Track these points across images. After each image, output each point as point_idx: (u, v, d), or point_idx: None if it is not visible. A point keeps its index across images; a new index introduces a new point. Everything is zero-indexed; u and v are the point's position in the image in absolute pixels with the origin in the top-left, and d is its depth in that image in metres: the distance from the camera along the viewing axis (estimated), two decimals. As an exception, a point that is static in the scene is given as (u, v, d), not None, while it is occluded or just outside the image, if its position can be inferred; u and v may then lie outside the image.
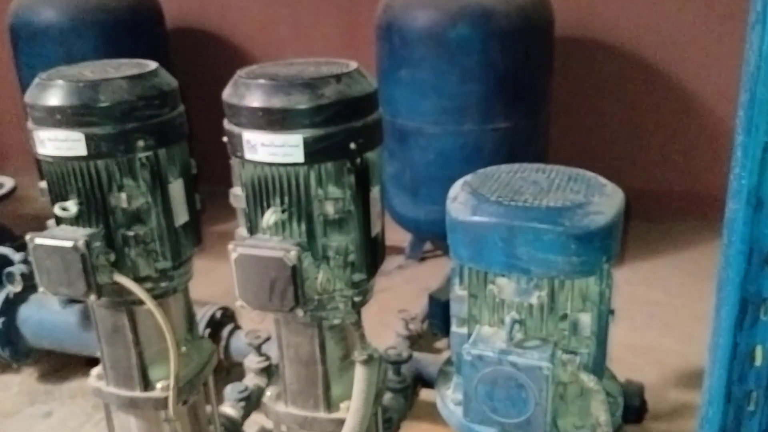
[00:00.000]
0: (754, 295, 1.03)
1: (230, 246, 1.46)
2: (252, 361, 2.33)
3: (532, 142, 3.21)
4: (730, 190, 1.08)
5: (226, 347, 2.60)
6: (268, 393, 1.72)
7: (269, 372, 2.34)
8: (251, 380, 2.32)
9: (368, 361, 1.52)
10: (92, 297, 1.55)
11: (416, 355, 2.34)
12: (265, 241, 1.47)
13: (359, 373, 1.54)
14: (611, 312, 1.41)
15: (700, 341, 1.27)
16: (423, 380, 2.33)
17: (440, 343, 3.02)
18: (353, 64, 1.52)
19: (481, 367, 1.32)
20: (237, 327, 2.64)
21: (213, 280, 2.15)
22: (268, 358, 2.33)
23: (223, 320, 2.62)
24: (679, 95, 3.71)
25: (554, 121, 3.38)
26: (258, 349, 2.33)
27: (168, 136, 1.62)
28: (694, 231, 3.70)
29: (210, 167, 2.17)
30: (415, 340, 2.70)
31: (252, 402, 2.25)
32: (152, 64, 1.65)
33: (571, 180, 1.41)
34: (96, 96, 1.50)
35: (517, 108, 3.11)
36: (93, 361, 1.88)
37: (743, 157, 0.99)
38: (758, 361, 1.07)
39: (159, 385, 1.75)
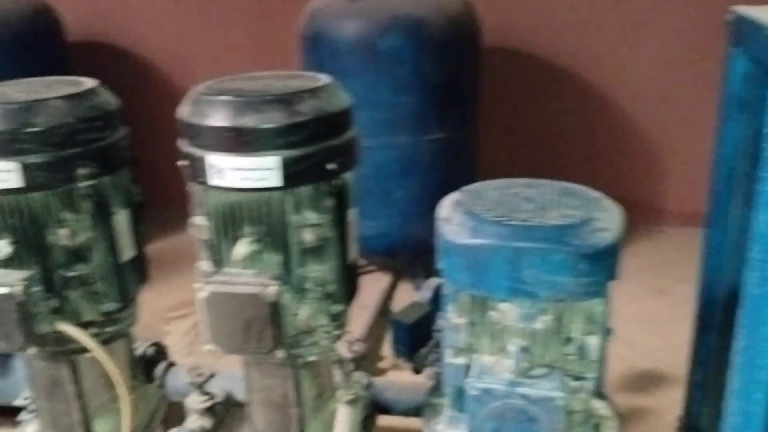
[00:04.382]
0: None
1: (197, 284, 1.30)
2: (194, 401, 2.13)
3: (465, 152, 3.15)
4: (759, 203, 1.03)
5: (161, 386, 2.39)
6: (235, 441, 1.56)
7: (214, 411, 2.16)
8: (194, 422, 2.12)
9: (354, 402, 1.40)
10: (31, 350, 1.35)
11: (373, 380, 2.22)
12: (237, 276, 1.32)
13: (343, 414, 1.41)
14: (609, 331, 1.35)
15: (639, 344, 1.26)
16: (379, 406, 2.21)
17: (383, 364, 2.92)
18: (325, 77, 1.40)
19: (488, 402, 1.23)
20: (172, 364, 2.43)
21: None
22: (212, 397, 2.15)
23: (157, 357, 2.41)
24: (598, 101, 3.77)
25: (482, 131, 3.35)
26: (201, 387, 2.14)
27: (112, 162, 1.44)
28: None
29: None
30: (359, 362, 2.58)
31: (198, 446, 2.07)
32: (90, 82, 1.47)
33: (564, 195, 1.34)
34: (30, 119, 1.31)
35: (451, 118, 3.04)
36: (8, 411, 1.65)
37: None
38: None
39: (107, 442, 1.55)
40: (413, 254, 3.29)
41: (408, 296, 3.32)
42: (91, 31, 3.96)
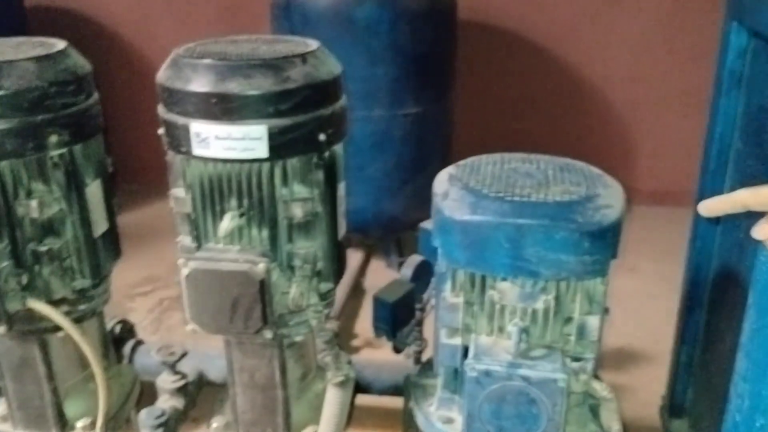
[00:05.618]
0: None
1: (180, 261, 1.22)
2: (166, 381, 2.06)
3: (440, 127, 3.09)
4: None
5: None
6: (215, 424, 1.50)
7: (186, 392, 2.09)
8: (166, 402, 2.05)
9: (344, 383, 1.34)
10: (1, 329, 1.27)
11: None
12: (222, 252, 1.25)
13: (333, 395, 1.36)
14: (607, 311, 1.31)
15: (612, 322, 1.27)
16: (357, 385, 2.17)
17: (356, 342, 2.87)
18: (313, 43, 1.33)
19: (488, 384, 1.18)
20: (140, 342, 2.34)
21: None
22: (184, 376, 2.08)
23: (123, 335, 2.32)
24: (570, 78, 3.74)
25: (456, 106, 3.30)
26: (172, 366, 2.07)
27: (84, 129, 1.35)
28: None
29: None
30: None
31: (170, 427, 1.99)
32: (60, 43, 1.37)
33: (565, 171, 1.30)
34: (-3, 82, 1.21)
35: (426, 92, 2.98)
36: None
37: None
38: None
39: (79, 425, 1.48)
40: (386, 231, 3.24)
41: (380, 273, 3.28)
42: (49, -5, 3.79)
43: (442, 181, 1.28)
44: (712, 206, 1.02)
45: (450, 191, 1.24)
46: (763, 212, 0.94)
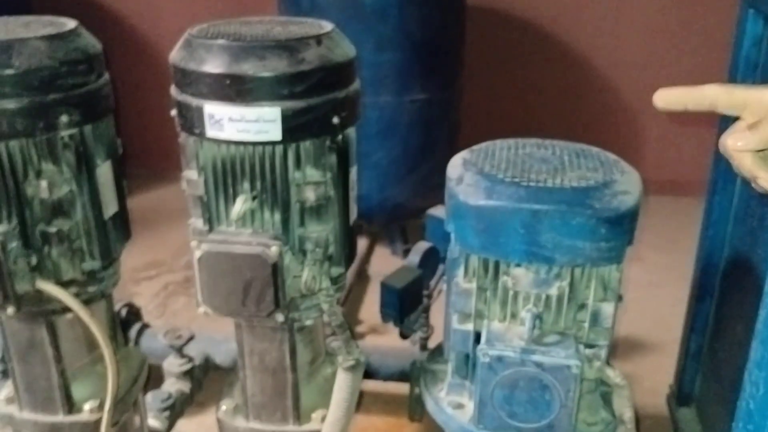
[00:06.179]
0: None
1: (193, 243, 1.22)
2: (173, 364, 2.07)
3: (447, 114, 3.08)
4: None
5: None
6: (224, 407, 1.49)
7: (192, 375, 2.09)
8: (173, 385, 2.06)
9: (355, 367, 1.34)
10: (10, 310, 1.26)
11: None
12: (234, 235, 1.24)
13: (342, 379, 1.35)
14: (621, 298, 1.31)
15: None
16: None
17: (361, 328, 2.87)
18: (328, 24, 1.31)
19: (500, 369, 1.17)
20: (146, 325, 2.34)
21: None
22: (190, 360, 2.08)
23: (129, 318, 2.32)
24: (578, 66, 3.72)
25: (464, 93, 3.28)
26: (179, 350, 2.07)
27: (95, 109, 1.33)
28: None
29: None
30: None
31: (176, 410, 2.00)
32: (70, 22, 1.35)
33: (580, 156, 1.28)
34: (8, 60, 1.20)
35: (434, 79, 2.96)
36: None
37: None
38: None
39: (87, 407, 1.47)
40: (391, 218, 3.23)
41: (385, 260, 3.27)
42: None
43: (456, 165, 1.27)
44: (670, 96, 0.84)
45: (464, 176, 1.22)
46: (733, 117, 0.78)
